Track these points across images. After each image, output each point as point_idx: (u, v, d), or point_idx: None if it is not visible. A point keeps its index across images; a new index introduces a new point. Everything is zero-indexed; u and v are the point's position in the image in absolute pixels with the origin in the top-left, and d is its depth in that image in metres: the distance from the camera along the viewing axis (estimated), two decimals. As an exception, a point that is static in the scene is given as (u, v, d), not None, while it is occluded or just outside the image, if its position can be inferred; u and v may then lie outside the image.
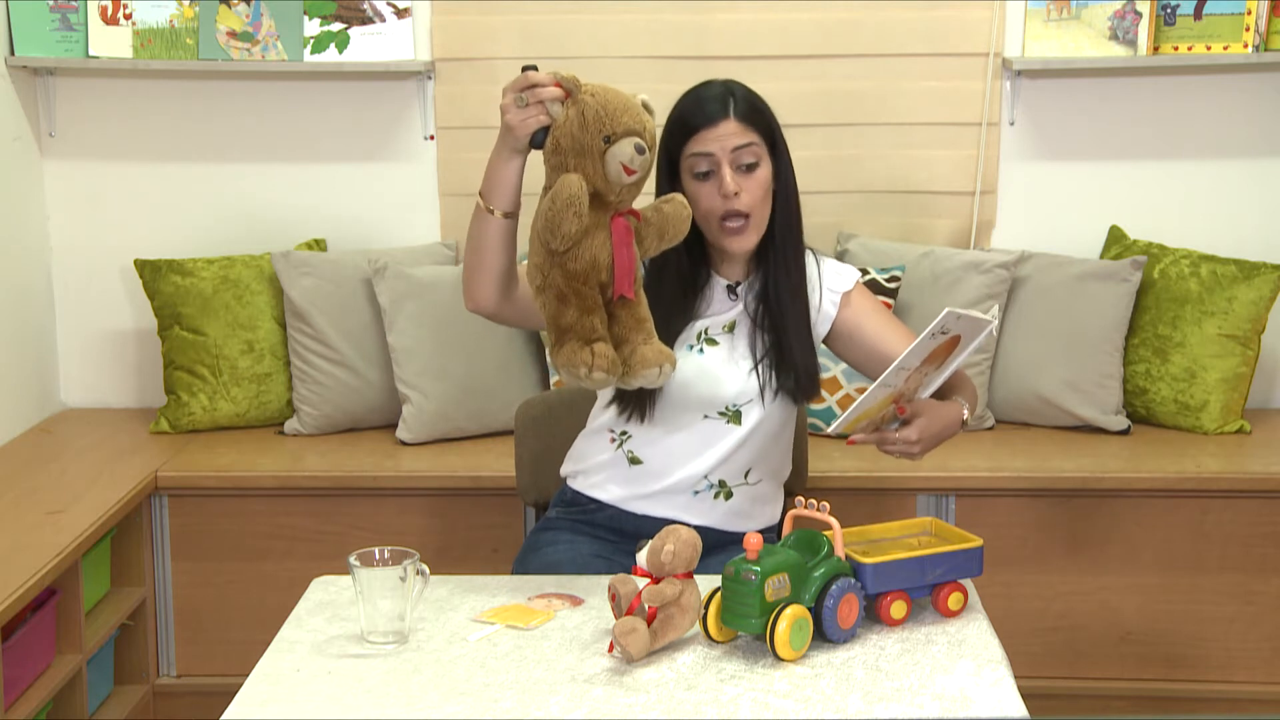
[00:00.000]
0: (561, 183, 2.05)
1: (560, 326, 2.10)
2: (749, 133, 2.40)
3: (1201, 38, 3.65)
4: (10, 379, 3.69)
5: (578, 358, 2.08)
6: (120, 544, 3.36)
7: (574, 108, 2.10)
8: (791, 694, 1.87)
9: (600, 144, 2.08)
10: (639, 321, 2.15)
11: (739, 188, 2.38)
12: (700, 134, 2.39)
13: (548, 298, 2.11)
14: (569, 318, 2.09)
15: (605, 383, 2.10)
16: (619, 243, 2.10)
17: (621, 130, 2.09)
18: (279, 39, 3.72)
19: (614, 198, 2.11)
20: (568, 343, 2.09)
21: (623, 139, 2.08)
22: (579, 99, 2.10)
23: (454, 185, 3.87)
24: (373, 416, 3.67)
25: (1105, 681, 3.39)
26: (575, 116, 2.09)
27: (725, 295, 2.49)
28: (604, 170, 2.08)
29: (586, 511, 2.53)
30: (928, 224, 3.84)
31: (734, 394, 2.44)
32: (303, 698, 1.89)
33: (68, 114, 3.85)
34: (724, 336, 2.47)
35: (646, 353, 2.13)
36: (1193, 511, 3.32)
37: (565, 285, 2.09)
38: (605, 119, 2.08)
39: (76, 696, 3.03)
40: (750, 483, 2.50)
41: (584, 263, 2.08)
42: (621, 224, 2.11)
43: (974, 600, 2.15)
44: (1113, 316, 3.59)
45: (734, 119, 2.40)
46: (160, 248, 3.77)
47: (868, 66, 3.79)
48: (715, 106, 2.41)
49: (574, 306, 2.09)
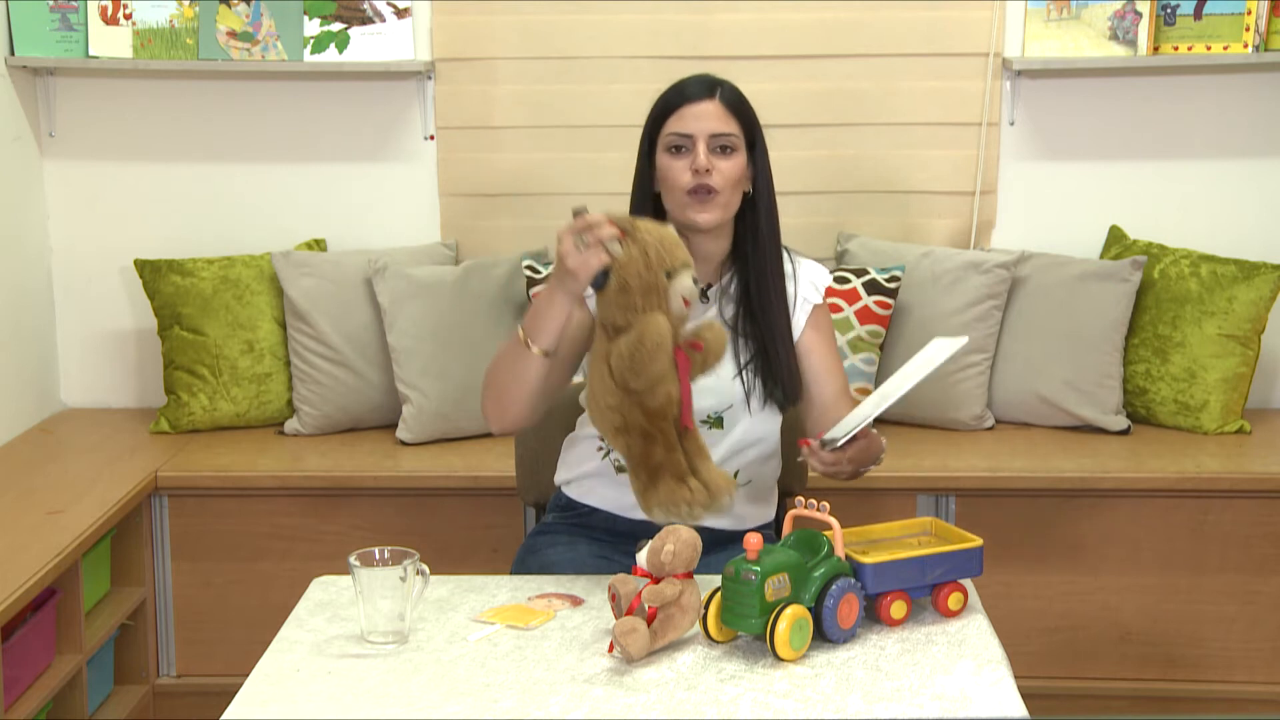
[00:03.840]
0: (648, 325, 2.06)
1: (651, 466, 2.12)
2: (730, 121, 2.40)
3: (1201, 38, 3.65)
4: (10, 379, 3.69)
5: (678, 495, 2.11)
6: (120, 544, 3.36)
7: (635, 246, 2.11)
8: (791, 694, 1.87)
9: (663, 280, 2.10)
10: (699, 448, 2.17)
11: (711, 165, 2.37)
12: (681, 111, 2.39)
13: (633, 439, 2.12)
14: (658, 456, 2.11)
15: (701, 518, 2.12)
16: (684, 377, 2.12)
17: (679, 264, 2.11)
18: (279, 39, 3.72)
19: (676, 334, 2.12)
20: (664, 480, 2.12)
21: (681, 272, 2.11)
22: (639, 237, 2.11)
23: (454, 185, 3.87)
24: (373, 416, 3.67)
25: (1105, 681, 3.39)
26: (639, 255, 2.10)
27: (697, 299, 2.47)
28: (666, 303, 2.10)
29: (581, 515, 2.52)
30: (928, 224, 3.84)
31: (714, 402, 2.42)
32: (303, 698, 1.89)
33: (68, 114, 3.85)
34: None
35: (714, 478, 2.15)
36: (1193, 511, 3.32)
37: (649, 424, 2.11)
38: (665, 255, 2.10)
39: (76, 696, 3.03)
40: (739, 484, 2.49)
41: (660, 399, 2.10)
42: (684, 360, 2.13)
43: (974, 600, 2.15)
44: (1113, 316, 3.59)
45: (718, 102, 2.40)
46: (160, 248, 3.77)
47: (868, 66, 3.79)
48: (700, 89, 2.41)
49: (660, 444, 2.11)
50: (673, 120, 2.40)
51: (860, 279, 3.59)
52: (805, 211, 3.78)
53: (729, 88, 2.43)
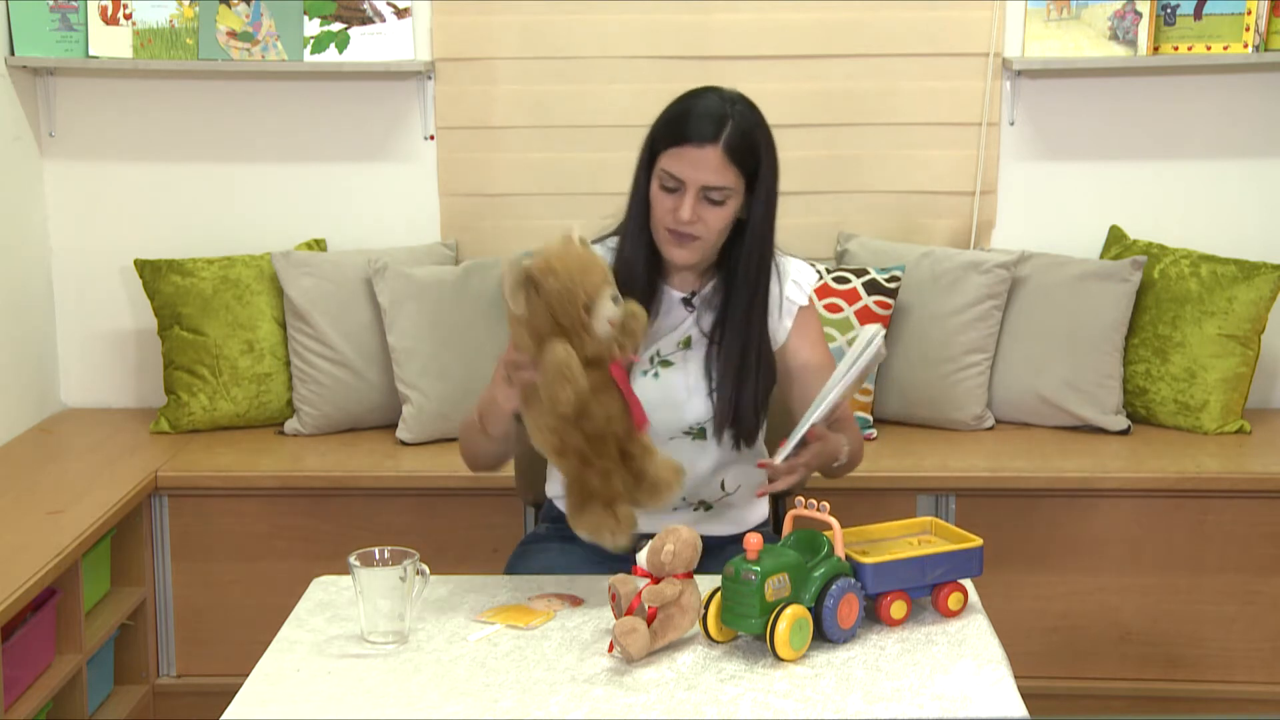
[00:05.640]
0: (545, 357, 2.02)
1: (585, 491, 2.11)
2: (727, 172, 2.30)
3: (1201, 38, 3.65)
4: (10, 379, 3.69)
5: (604, 524, 2.10)
6: (120, 544, 3.36)
7: (539, 297, 2.04)
8: (791, 694, 1.87)
9: (581, 316, 2.04)
10: (644, 448, 2.14)
11: (696, 217, 2.31)
12: (681, 150, 2.31)
13: (569, 462, 2.11)
14: (593, 483, 2.11)
15: (625, 546, 2.12)
16: (624, 389, 2.10)
17: (594, 292, 2.05)
18: (279, 39, 3.72)
19: (606, 352, 2.09)
20: (590, 508, 2.11)
21: (598, 301, 2.05)
22: (542, 287, 2.03)
23: (454, 185, 3.87)
24: (373, 416, 3.67)
25: (1105, 681, 3.39)
26: (543, 307, 2.04)
27: (680, 306, 2.44)
28: (594, 335, 2.06)
29: None
30: (928, 224, 3.84)
31: (695, 416, 2.41)
32: (303, 698, 1.89)
33: (68, 114, 3.85)
34: (679, 354, 2.42)
35: (663, 474, 2.13)
36: (1193, 511, 3.32)
37: (588, 448, 2.09)
38: (576, 291, 2.03)
39: (76, 696, 3.03)
40: (728, 492, 2.48)
41: (599, 422, 2.08)
42: (619, 370, 2.11)
43: (974, 600, 2.15)
44: (1113, 316, 3.59)
45: (720, 150, 2.30)
46: (160, 248, 3.77)
47: (868, 66, 3.79)
48: (708, 128, 2.30)
49: (596, 471, 2.10)
50: (670, 157, 2.32)
51: (860, 279, 3.59)
52: (805, 211, 3.78)
53: (736, 129, 2.31)
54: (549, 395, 2.03)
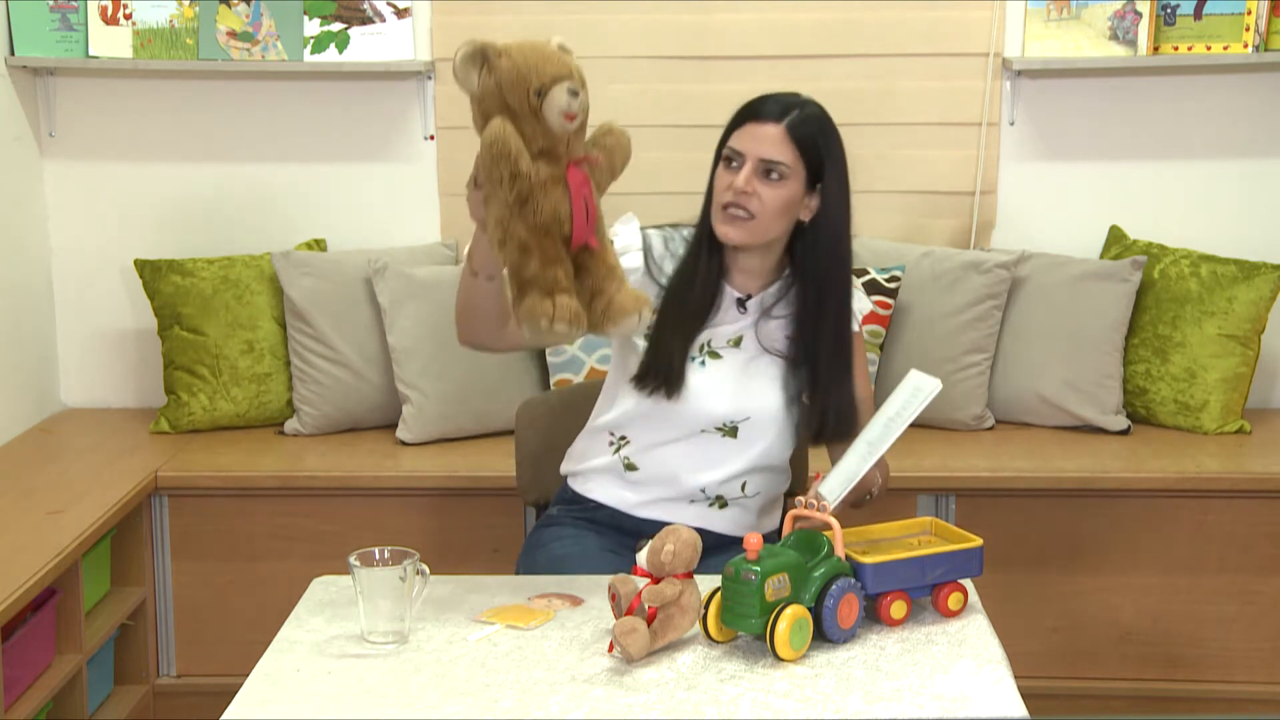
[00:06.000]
0: (487, 132, 1.99)
1: (522, 279, 2.04)
2: (787, 149, 2.37)
3: (1201, 38, 3.65)
4: (10, 379, 3.69)
5: (539, 309, 2.02)
6: (120, 544, 3.35)
7: (490, 75, 2.03)
8: (791, 694, 1.87)
9: (532, 101, 2.01)
10: (610, 270, 2.09)
11: (752, 189, 2.36)
12: (745, 127, 2.39)
13: (509, 250, 2.05)
14: (531, 270, 2.03)
15: (568, 335, 2.04)
16: (577, 193, 2.04)
17: (549, 80, 2.01)
18: (279, 39, 3.72)
19: (563, 149, 2.04)
20: (529, 294, 2.04)
21: (553, 88, 2.01)
22: (493, 65, 2.02)
23: (454, 185, 3.87)
24: (373, 416, 3.67)
25: (1105, 681, 3.39)
26: (493, 85, 2.02)
27: (734, 307, 2.47)
28: (547, 125, 2.02)
29: (587, 510, 2.53)
30: (928, 224, 3.84)
31: (730, 411, 2.43)
32: (303, 698, 1.89)
33: (68, 114, 3.85)
34: (728, 351, 2.46)
35: (622, 300, 2.08)
36: (1193, 511, 3.32)
37: (528, 237, 2.03)
38: (529, 74, 2.01)
39: (76, 696, 3.03)
40: (747, 495, 2.49)
41: (545, 216, 2.02)
42: (578, 174, 2.05)
43: (974, 600, 2.15)
44: (1113, 316, 3.59)
45: (783, 127, 2.37)
46: (160, 248, 3.77)
47: (868, 66, 3.79)
48: (775, 109, 2.39)
49: (536, 258, 2.03)
50: (736, 134, 2.40)
51: (860, 279, 3.59)
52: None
53: (803, 116, 2.39)
54: (485, 173, 1.99)
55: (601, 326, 2.09)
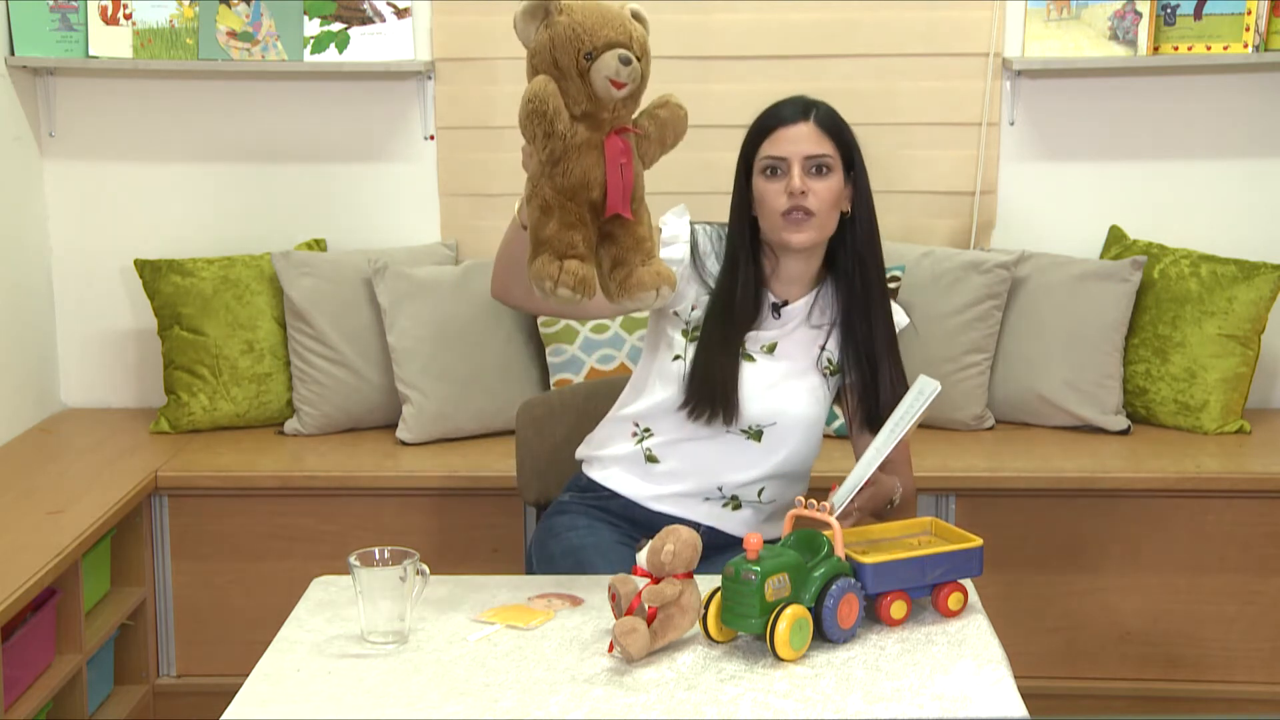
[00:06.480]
0: (529, 88, 1.98)
1: (539, 239, 2.03)
2: (825, 142, 2.42)
3: (1201, 38, 3.65)
4: (10, 379, 3.69)
5: (545, 270, 2.00)
6: (120, 544, 3.35)
7: (546, 31, 2.02)
8: (791, 694, 1.87)
9: (581, 63, 1.99)
10: (638, 242, 2.07)
11: (806, 187, 2.38)
12: (775, 134, 2.42)
13: (532, 208, 2.04)
14: (548, 230, 2.02)
15: (572, 300, 2.01)
16: (613, 161, 2.02)
17: (602, 44, 1.99)
18: (279, 39, 3.72)
19: (608, 115, 2.03)
20: (541, 255, 2.02)
21: (605, 53, 1.99)
22: (551, 21, 2.01)
23: (454, 185, 3.87)
24: (373, 416, 3.67)
25: (1105, 681, 3.39)
26: (547, 41, 2.01)
27: (771, 313, 2.48)
28: (593, 89, 2.00)
29: (601, 499, 2.53)
30: (928, 224, 3.84)
31: (759, 414, 2.44)
32: (303, 698, 1.89)
33: (68, 114, 3.85)
34: (762, 356, 2.46)
35: (643, 274, 2.06)
36: (1193, 511, 3.32)
37: (552, 198, 2.02)
38: (583, 35, 1.99)
39: (76, 696, 3.03)
40: (763, 501, 2.50)
41: (574, 179, 2.02)
42: (617, 142, 2.03)
43: (974, 600, 2.15)
44: (1113, 316, 3.59)
45: (812, 124, 2.42)
46: (160, 248, 3.77)
47: (868, 66, 3.79)
48: (794, 111, 2.43)
49: (556, 220, 2.02)
50: (767, 144, 2.42)
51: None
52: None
53: (824, 109, 2.45)
54: (522, 128, 1.98)
55: (616, 297, 2.08)
